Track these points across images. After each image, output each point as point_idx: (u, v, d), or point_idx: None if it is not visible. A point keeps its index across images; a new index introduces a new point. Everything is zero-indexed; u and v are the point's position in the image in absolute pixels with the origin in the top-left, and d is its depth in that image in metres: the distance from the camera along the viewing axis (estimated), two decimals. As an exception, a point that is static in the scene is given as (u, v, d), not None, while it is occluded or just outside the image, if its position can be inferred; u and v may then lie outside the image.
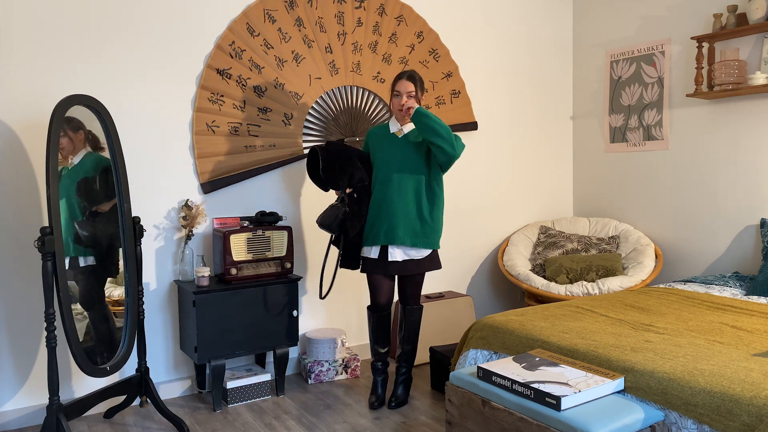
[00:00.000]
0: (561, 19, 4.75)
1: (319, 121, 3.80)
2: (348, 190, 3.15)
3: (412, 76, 3.09)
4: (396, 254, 3.12)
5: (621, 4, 4.43)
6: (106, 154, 2.96)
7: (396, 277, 3.25)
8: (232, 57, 3.50)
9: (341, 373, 3.68)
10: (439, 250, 4.28)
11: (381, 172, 3.15)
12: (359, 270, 3.37)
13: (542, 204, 4.76)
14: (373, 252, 3.14)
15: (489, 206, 4.51)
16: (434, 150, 3.02)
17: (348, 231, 3.15)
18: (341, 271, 3.91)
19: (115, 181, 2.94)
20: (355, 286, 3.97)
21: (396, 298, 4.02)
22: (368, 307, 3.28)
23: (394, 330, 3.89)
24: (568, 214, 4.90)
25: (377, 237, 3.11)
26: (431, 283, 4.28)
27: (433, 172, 3.15)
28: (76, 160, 2.86)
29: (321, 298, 3.24)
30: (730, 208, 3.84)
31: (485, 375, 2.26)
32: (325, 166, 3.08)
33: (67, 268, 2.76)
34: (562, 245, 4.24)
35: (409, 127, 3.16)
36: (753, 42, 3.66)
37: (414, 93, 3.07)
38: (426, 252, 3.15)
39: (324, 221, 3.15)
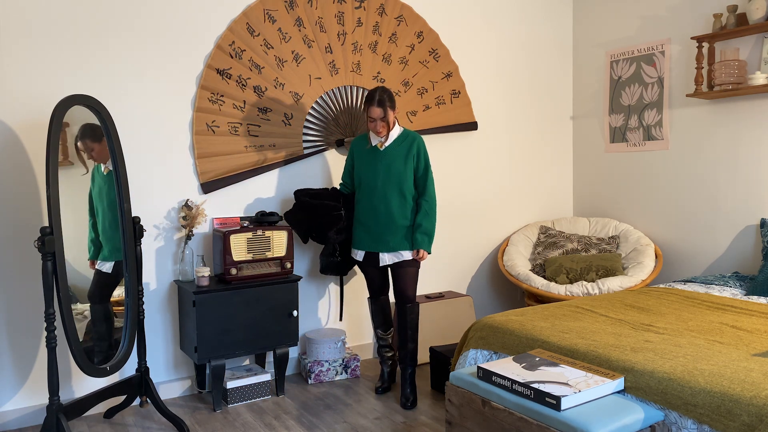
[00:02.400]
0: (561, 19, 4.75)
1: (319, 121, 3.80)
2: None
3: (380, 101, 3.19)
4: (386, 258, 3.29)
5: (621, 4, 4.43)
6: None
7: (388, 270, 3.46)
8: (232, 57, 3.50)
9: (341, 373, 3.68)
10: (438, 251, 4.28)
11: (365, 182, 3.31)
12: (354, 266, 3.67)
13: (542, 204, 4.76)
14: (359, 255, 3.36)
15: (489, 206, 4.51)
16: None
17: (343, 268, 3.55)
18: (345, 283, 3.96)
19: (115, 181, 2.94)
20: (354, 286, 3.97)
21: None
22: (368, 297, 3.50)
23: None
24: (568, 214, 4.90)
25: (361, 242, 3.33)
26: (431, 283, 4.29)
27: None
28: (112, 165, 2.93)
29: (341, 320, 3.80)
30: (730, 208, 3.84)
31: (485, 375, 2.26)
32: (315, 238, 3.47)
33: (109, 272, 2.91)
34: (562, 245, 4.24)
35: (390, 139, 3.29)
36: (753, 42, 3.66)
37: (384, 116, 3.21)
38: (411, 253, 3.30)
39: (322, 269, 3.56)
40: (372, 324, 3.54)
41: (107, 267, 2.95)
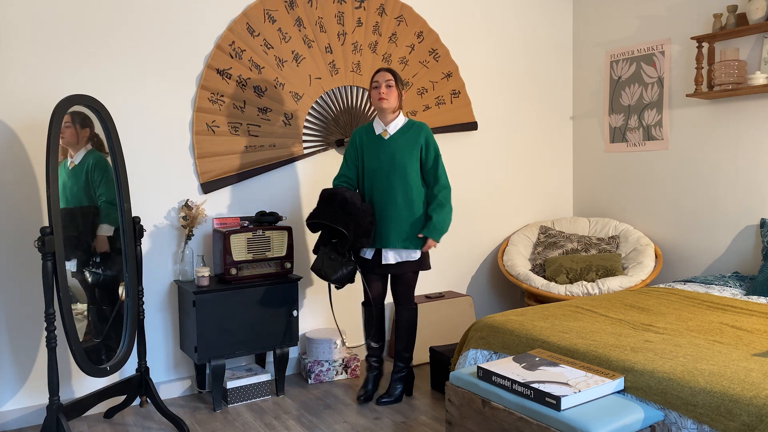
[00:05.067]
0: (561, 19, 4.76)
1: (319, 121, 3.80)
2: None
3: (390, 69, 3.13)
4: (389, 257, 3.15)
5: (621, 4, 4.43)
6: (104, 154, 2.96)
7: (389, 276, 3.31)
8: (232, 57, 3.50)
9: (341, 373, 3.68)
10: (438, 251, 4.28)
11: (370, 176, 3.17)
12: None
13: (542, 204, 4.76)
14: (368, 253, 3.20)
15: (489, 206, 4.51)
16: None
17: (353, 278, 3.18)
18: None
19: (115, 181, 2.94)
20: (354, 286, 3.97)
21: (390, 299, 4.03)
22: (362, 303, 3.32)
23: (391, 330, 3.89)
24: (568, 214, 4.90)
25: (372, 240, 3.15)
26: (431, 283, 4.29)
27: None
28: (77, 159, 2.86)
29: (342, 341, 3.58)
30: (730, 208, 3.84)
31: (485, 375, 2.26)
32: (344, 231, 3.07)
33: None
34: (562, 245, 4.24)
35: (394, 127, 3.16)
36: (753, 42, 3.66)
37: (392, 81, 3.10)
38: (418, 253, 3.17)
39: (337, 279, 3.08)
40: (363, 332, 3.36)
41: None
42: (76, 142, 2.84)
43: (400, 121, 3.18)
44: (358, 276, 3.84)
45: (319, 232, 3.23)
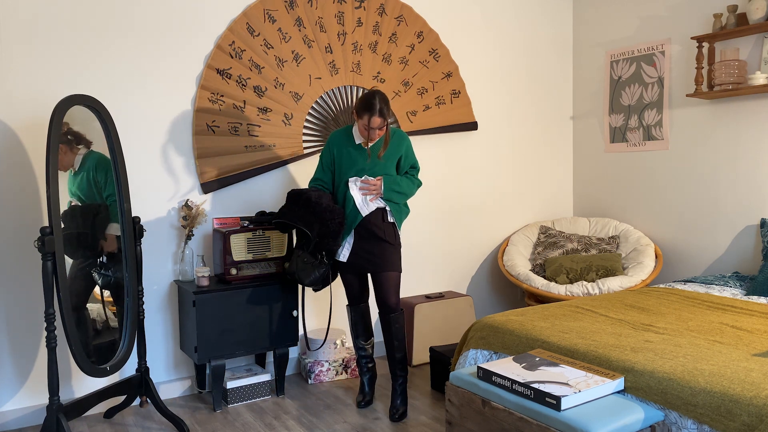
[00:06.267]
0: (561, 19, 4.75)
1: (319, 121, 3.80)
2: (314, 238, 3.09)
3: (381, 111, 2.95)
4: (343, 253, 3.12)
5: (621, 4, 4.43)
6: (96, 148, 2.94)
7: (368, 277, 3.26)
8: (232, 57, 3.50)
9: (341, 373, 3.68)
10: (438, 251, 4.28)
11: (346, 180, 3.09)
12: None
13: (542, 204, 4.76)
14: (342, 255, 3.13)
15: (489, 206, 4.51)
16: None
17: (329, 281, 3.18)
18: (336, 291, 3.85)
19: (116, 180, 2.94)
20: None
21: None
22: (347, 305, 3.29)
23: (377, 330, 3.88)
24: (568, 214, 4.90)
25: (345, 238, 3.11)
26: (431, 283, 4.29)
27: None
28: (76, 164, 2.87)
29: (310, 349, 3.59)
30: (730, 208, 3.84)
31: (485, 375, 2.26)
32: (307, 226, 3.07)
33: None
34: (562, 245, 4.24)
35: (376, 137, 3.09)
36: (753, 42, 3.66)
37: (384, 127, 3.02)
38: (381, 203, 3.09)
39: (311, 282, 3.09)
40: (351, 334, 3.31)
41: None
42: (67, 159, 2.83)
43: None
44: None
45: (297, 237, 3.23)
